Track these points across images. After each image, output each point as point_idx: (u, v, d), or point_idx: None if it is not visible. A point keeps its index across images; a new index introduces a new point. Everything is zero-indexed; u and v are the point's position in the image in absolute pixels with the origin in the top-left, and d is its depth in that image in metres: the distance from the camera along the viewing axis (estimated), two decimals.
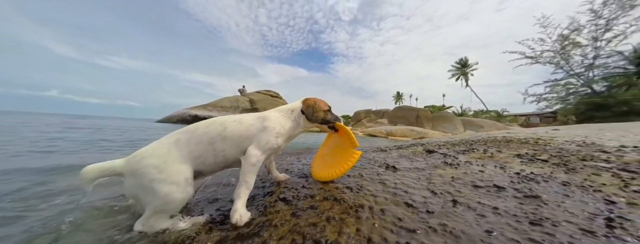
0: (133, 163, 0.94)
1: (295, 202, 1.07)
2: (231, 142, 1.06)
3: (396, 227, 0.82)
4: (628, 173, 1.18)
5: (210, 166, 1.06)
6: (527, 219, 0.81)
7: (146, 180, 0.91)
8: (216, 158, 1.05)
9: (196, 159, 1.01)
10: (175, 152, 0.98)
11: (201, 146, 1.02)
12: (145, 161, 0.94)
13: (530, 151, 1.88)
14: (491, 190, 1.14)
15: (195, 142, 1.03)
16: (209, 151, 1.03)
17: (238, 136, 1.08)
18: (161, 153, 0.97)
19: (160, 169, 0.93)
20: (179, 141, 1.02)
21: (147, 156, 0.95)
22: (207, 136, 1.04)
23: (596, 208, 0.85)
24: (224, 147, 1.05)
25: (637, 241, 0.63)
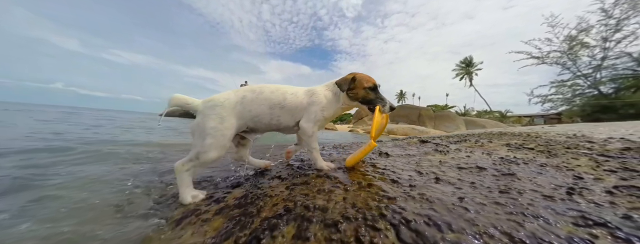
0: (206, 107, 1.13)
1: (291, 179, 1.17)
2: (287, 111, 1.22)
3: (379, 196, 0.90)
4: (605, 157, 1.24)
5: (263, 125, 1.23)
6: (498, 189, 0.89)
7: (209, 125, 1.08)
8: (271, 121, 1.21)
9: (254, 117, 1.18)
10: (239, 107, 1.15)
11: (262, 108, 1.19)
12: (217, 109, 1.11)
13: (520, 141, 1.95)
14: (473, 171, 1.22)
15: (258, 103, 1.18)
16: (267, 114, 1.20)
17: (294, 107, 1.22)
18: (229, 106, 1.14)
19: (222, 119, 1.10)
20: (245, 98, 1.18)
21: (219, 105, 1.13)
22: (269, 101, 1.20)
23: (563, 182, 0.92)
24: (280, 114, 1.21)
25: (587, 203, 0.71)
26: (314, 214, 0.78)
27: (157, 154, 2.79)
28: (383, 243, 0.62)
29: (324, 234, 0.68)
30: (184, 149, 3.28)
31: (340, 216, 0.75)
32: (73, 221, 1.05)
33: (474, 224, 0.66)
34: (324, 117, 1.23)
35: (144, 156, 2.60)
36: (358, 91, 1.19)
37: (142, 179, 1.64)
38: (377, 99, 1.20)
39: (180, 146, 3.68)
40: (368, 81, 1.19)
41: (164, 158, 2.54)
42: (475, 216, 0.71)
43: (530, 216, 0.67)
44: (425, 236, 0.63)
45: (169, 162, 2.24)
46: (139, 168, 2.02)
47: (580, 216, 0.63)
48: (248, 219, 0.81)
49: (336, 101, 1.26)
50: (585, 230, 0.58)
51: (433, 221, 0.69)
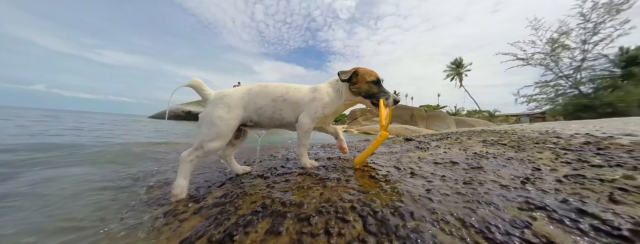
0: (217, 97, 1.20)
1: (273, 178, 1.19)
2: (289, 105, 1.24)
3: (354, 191, 0.94)
4: (565, 151, 1.33)
5: (267, 118, 1.25)
6: (463, 181, 0.95)
7: (216, 114, 1.14)
8: (273, 114, 1.24)
9: (258, 109, 1.22)
10: (246, 98, 1.21)
11: (266, 100, 1.23)
12: (226, 98, 1.18)
13: (496, 138, 2.04)
14: (447, 165, 1.28)
15: (263, 95, 1.23)
16: (270, 106, 1.23)
17: (295, 101, 1.24)
18: (237, 96, 1.20)
19: (230, 109, 1.15)
20: (251, 91, 1.24)
21: (228, 95, 1.19)
22: (272, 94, 1.24)
23: (522, 173, 0.99)
24: (283, 108, 1.24)
25: (536, 190, 0.78)
26: (289, 209, 0.80)
27: (137, 156, 2.74)
28: (350, 232, 0.66)
29: (296, 228, 0.71)
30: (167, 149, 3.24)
31: (314, 211, 0.78)
32: (50, 222, 1.03)
33: (434, 213, 0.71)
34: (324, 114, 1.23)
35: (121, 159, 2.55)
36: (361, 84, 1.16)
37: (118, 182, 1.62)
38: (380, 92, 1.18)
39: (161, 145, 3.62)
40: (371, 75, 1.17)
41: (143, 160, 2.51)
42: (437, 205, 0.76)
43: (483, 203, 0.72)
44: (389, 225, 0.67)
45: (145, 161, 2.21)
46: (118, 170, 1.99)
47: (526, 201, 0.69)
48: (225, 217, 0.83)
49: (339, 97, 1.24)
50: (527, 213, 0.64)
51: (398, 211, 0.74)
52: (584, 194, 0.71)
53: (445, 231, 0.62)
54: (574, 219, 0.59)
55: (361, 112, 27.06)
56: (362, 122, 23.13)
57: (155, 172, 1.79)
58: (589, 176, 0.85)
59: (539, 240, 0.55)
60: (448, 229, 0.63)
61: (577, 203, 0.65)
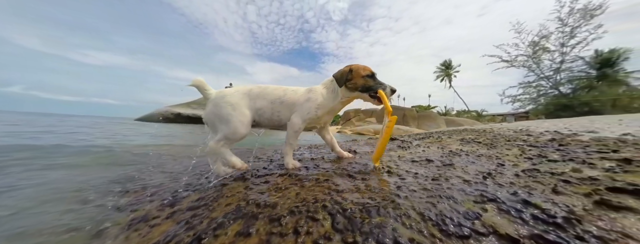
0: (218, 96, 1.25)
1: (253, 179, 1.20)
2: (286, 107, 1.28)
3: (330, 190, 0.96)
4: (531, 147, 1.42)
5: (266, 119, 1.29)
6: (432, 178, 0.99)
7: (224, 112, 1.20)
8: (272, 115, 1.28)
9: (258, 110, 1.27)
10: (246, 99, 1.26)
11: (265, 101, 1.27)
12: (227, 98, 1.23)
13: (474, 136, 2.13)
14: (423, 163, 1.33)
15: (262, 96, 1.28)
16: (268, 107, 1.27)
17: (292, 102, 1.28)
18: (238, 96, 1.25)
19: (234, 107, 1.22)
20: (251, 92, 1.29)
21: (229, 95, 1.25)
22: (271, 96, 1.28)
23: (487, 168, 1.05)
24: (280, 109, 1.28)
25: (493, 185, 0.83)
26: (262, 211, 0.81)
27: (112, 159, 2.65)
28: (318, 231, 0.68)
29: (266, 229, 0.72)
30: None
31: (286, 211, 0.79)
32: (14, 225, 0.99)
33: (398, 208, 0.74)
34: (317, 115, 1.25)
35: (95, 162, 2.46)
36: (357, 80, 1.20)
37: (92, 188, 1.57)
38: (376, 84, 1.21)
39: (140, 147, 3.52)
40: (365, 70, 1.21)
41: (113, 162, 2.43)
42: (403, 201, 0.79)
43: (444, 198, 0.76)
44: (355, 222, 0.69)
45: (125, 166, 2.15)
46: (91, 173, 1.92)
47: (481, 194, 0.74)
48: (197, 220, 0.82)
49: (334, 97, 1.26)
50: (480, 206, 0.68)
51: (366, 208, 0.76)
52: (533, 186, 0.76)
53: (406, 225, 0.66)
54: (519, 210, 0.63)
55: (355, 113, 27.31)
56: (356, 122, 23.34)
57: (133, 178, 1.74)
58: (543, 170, 0.91)
59: (486, 230, 0.59)
60: (408, 223, 0.66)
61: (524, 195, 0.70)
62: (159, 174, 1.69)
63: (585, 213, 0.58)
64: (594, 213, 0.57)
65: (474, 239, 0.57)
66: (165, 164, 2.12)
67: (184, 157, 2.55)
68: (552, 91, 15.86)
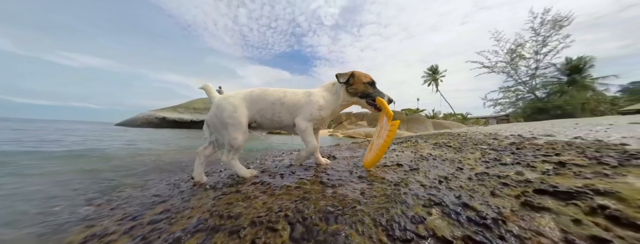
0: (221, 98, 1.30)
1: (224, 189, 1.18)
2: (286, 108, 1.32)
3: (298, 198, 0.98)
4: (492, 151, 1.52)
5: (268, 120, 1.34)
6: (394, 183, 1.04)
7: (224, 114, 1.24)
8: (273, 117, 1.33)
9: (259, 110, 1.32)
10: (248, 99, 1.31)
11: (265, 103, 1.32)
12: (230, 99, 1.28)
13: (447, 140, 2.24)
14: (393, 167, 1.38)
15: (263, 98, 1.33)
16: (269, 108, 1.32)
17: (292, 104, 1.32)
18: (240, 97, 1.31)
19: (236, 108, 1.26)
20: (253, 93, 1.34)
21: (231, 96, 1.31)
22: (271, 97, 1.33)
23: (446, 172, 1.12)
24: (281, 110, 1.33)
25: (445, 189, 0.89)
26: (225, 223, 0.81)
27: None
28: (275, 242, 0.69)
29: (224, 242, 0.72)
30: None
31: (248, 222, 0.79)
32: None
33: (356, 215, 0.78)
34: (320, 116, 1.30)
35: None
36: (358, 85, 1.26)
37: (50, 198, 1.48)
38: (376, 92, 1.29)
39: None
40: (366, 77, 1.28)
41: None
42: (362, 207, 0.83)
43: (398, 203, 0.81)
44: (312, 230, 0.71)
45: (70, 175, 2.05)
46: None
47: (429, 199, 0.79)
48: (155, 235, 0.81)
49: (335, 99, 1.32)
50: (427, 210, 0.73)
51: (326, 216, 0.79)
52: (477, 189, 0.83)
53: (358, 232, 0.69)
54: (458, 213, 0.69)
55: (346, 117, 27.59)
56: (347, 126, 23.55)
57: (101, 188, 1.66)
58: (492, 174, 0.99)
59: (427, 233, 0.63)
60: (361, 230, 0.69)
61: (466, 198, 0.76)
62: (128, 184, 1.63)
63: (511, 213, 0.64)
64: (519, 214, 0.63)
65: (415, 243, 0.61)
66: (135, 173, 2.04)
67: (156, 165, 2.46)
68: (529, 95, 17.01)
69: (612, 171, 0.81)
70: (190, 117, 13.90)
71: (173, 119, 13.22)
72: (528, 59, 16.96)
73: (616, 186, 0.66)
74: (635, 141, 1.42)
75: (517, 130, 2.54)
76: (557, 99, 15.71)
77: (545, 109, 15.59)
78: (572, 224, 0.56)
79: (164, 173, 1.79)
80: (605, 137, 1.63)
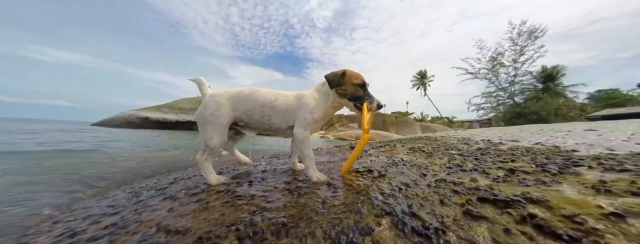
0: (209, 96, 1.30)
1: (184, 198, 1.12)
2: (277, 112, 1.27)
3: (258, 208, 0.94)
4: (459, 156, 1.57)
5: (255, 121, 1.31)
6: (357, 191, 1.04)
7: (207, 112, 1.23)
8: (262, 119, 1.29)
9: (247, 111, 1.29)
10: (235, 99, 1.28)
11: (254, 104, 1.28)
12: (216, 97, 1.27)
13: (423, 144, 2.30)
14: (363, 173, 1.39)
15: (252, 99, 1.29)
16: (258, 110, 1.28)
17: (284, 108, 1.27)
18: (227, 96, 1.28)
19: (220, 107, 1.24)
20: (242, 93, 1.30)
21: (218, 95, 1.29)
22: (261, 99, 1.29)
23: (409, 180, 1.13)
24: (271, 114, 1.28)
25: (402, 197, 0.89)
26: (169, 240, 0.75)
27: None
28: None
29: None
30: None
31: (195, 238, 0.74)
32: None
33: (309, 226, 0.76)
34: (314, 119, 1.22)
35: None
36: (347, 86, 1.17)
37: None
38: (365, 96, 1.18)
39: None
40: (357, 78, 1.17)
41: None
42: (318, 218, 0.81)
43: (353, 213, 0.80)
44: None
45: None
46: None
47: (382, 208, 0.80)
48: None
49: (326, 100, 1.25)
50: (377, 220, 0.73)
51: (278, 229, 0.76)
52: (430, 197, 0.84)
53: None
54: (405, 222, 0.69)
55: (338, 119, 27.76)
56: (338, 128, 23.69)
57: (52, 196, 1.53)
58: (449, 180, 1.01)
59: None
60: (310, 243, 0.68)
61: (416, 207, 0.77)
62: (80, 192, 1.51)
63: (452, 223, 0.65)
64: (459, 223, 0.65)
65: None
66: (91, 179, 1.90)
67: (120, 169, 2.31)
68: (508, 101, 18.10)
69: (551, 178, 0.86)
70: (175, 117, 13.32)
71: (156, 119, 12.59)
72: (507, 66, 18.06)
73: (548, 194, 0.70)
74: (585, 147, 1.53)
75: (490, 135, 2.66)
76: (533, 104, 16.81)
77: (523, 113, 16.62)
78: (503, 234, 0.57)
79: (121, 179, 1.67)
80: (561, 143, 1.75)
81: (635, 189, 0.65)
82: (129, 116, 12.68)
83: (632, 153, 1.26)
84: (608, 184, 0.72)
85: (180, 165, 2.59)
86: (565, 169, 0.97)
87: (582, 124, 3.06)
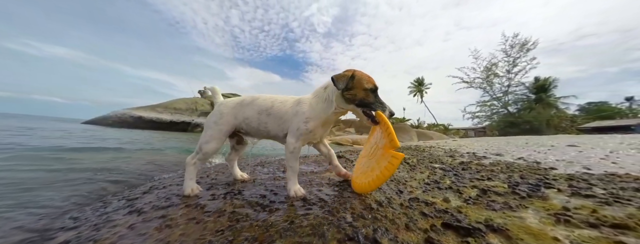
0: (218, 104, 1.37)
1: (151, 213, 1.07)
2: (273, 119, 1.24)
3: (223, 227, 0.89)
4: (441, 170, 1.56)
5: (253, 129, 1.31)
6: (328, 209, 1.01)
7: (211, 119, 1.30)
8: (259, 126, 1.28)
9: (245, 119, 1.29)
10: (237, 108, 1.31)
11: (252, 112, 1.28)
12: (221, 106, 1.33)
13: (409, 156, 2.29)
14: (342, 188, 1.36)
15: (251, 106, 1.29)
16: (255, 118, 1.27)
17: (280, 115, 1.23)
18: (230, 105, 1.33)
19: (222, 115, 1.29)
20: (243, 102, 1.32)
21: (224, 104, 1.35)
22: (258, 107, 1.28)
23: (384, 197, 1.11)
24: (267, 121, 1.26)
25: (371, 218, 0.87)
26: None
27: None
28: None
29: None
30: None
31: None
32: None
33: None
34: (307, 129, 1.10)
35: None
36: (357, 91, 1.01)
37: None
38: (376, 103, 1.02)
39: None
40: (368, 81, 1.01)
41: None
42: (282, 241, 0.78)
43: (317, 236, 0.77)
44: None
45: None
46: None
47: (346, 233, 0.77)
48: None
49: (326, 107, 1.10)
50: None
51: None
52: (397, 220, 0.82)
53: None
54: None
55: (362, 116, 27.45)
56: (336, 132, 23.66)
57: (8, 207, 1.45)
58: (422, 200, 1.00)
59: None
60: None
61: (380, 232, 0.75)
62: (47, 198, 1.45)
63: None
64: None
65: None
66: (59, 186, 1.81)
67: (91, 176, 2.22)
68: (502, 110, 18.49)
69: (519, 202, 0.85)
70: (169, 117, 13.14)
71: (150, 118, 12.40)
72: (501, 77, 18.53)
73: (510, 222, 0.69)
74: (564, 164, 1.54)
75: (477, 147, 2.68)
76: (526, 114, 17.18)
77: (516, 123, 16.94)
78: None
79: (92, 189, 1.60)
80: (543, 159, 1.76)
81: (593, 219, 0.64)
82: (123, 115, 12.45)
83: (606, 173, 1.27)
84: (570, 211, 0.71)
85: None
86: (535, 192, 0.97)
87: (567, 139, 3.11)
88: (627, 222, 0.60)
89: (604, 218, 0.65)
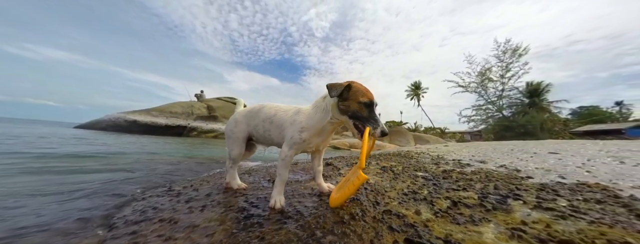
0: (235, 113, 1.53)
1: (121, 228, 1.05)
2: (275, 127, 1.31)
3: (206, 237, 0.90)
4: (423, 179, 1.58)
5: (260, 136, 1.40)
6: (301, 224, 1.00)
7: (228, 128, 1.48)
8: (264, 133, 1.36)
9: (254, 127, 1.40)
10: (248, 116, 1.43)
11: (258, 120, 1.38)
12: (236, 115, 1.50)
13: (397, 162, 2.31)
14: (323, 200, 1.37)
15: (257, 115, 1.39)
16: (260, 125, 1.37)
17: (280, 124, 1.28)
18: (243, 114, 1.47)
19: (237, 123, 1.45)
20: (253, 110, 1.43)
21: (239, 112, 1.51)
22: (264, 115, 1.36)
23: (359, 209, 1.12)
24: (270, 129, 1.33)
25: (340, 231, 0.88)
26: None
27: None
28: None
29: None
30: None
31: None
32: None
33: None
34: (301, 139, 1.10)
35: None
36: (351, 103, 0.99)
37: None
38: (370, 118, 0.98)
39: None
40: (364, 95, 0.98)
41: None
42: None
43: None
44: None
45: None
46: None
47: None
48: None
49: (322, 117, 1.09)
50: None
51: None
52: (365, 235, 0.83)
53: None
54: None
55: (353, 130, 27.56)
56: (333, 136, 23.63)
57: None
58: (394, 212, 1.01)
59: None
60: None
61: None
62: (22, 215, 1.42)
63: None
64: None
65: None
66: (36, 199, 1.78)
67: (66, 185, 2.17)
68: (497, 114, 18.75)
69: (483, 215, 0.87)
70: (165, 121, 13.03)
71: (145, 122, 12.27)
72: (495, 81, 18.91)
73: (468, 238, 0.70)
74: (541, 173, 1.57)
75: (464, 154, 2.71)
76: (520, 118, 17.44)
77: (511, 127, 17.15)
78: None
79: (75, 205, 1.58)
80: (523, 167, 1.79)
81: (545, 234, 0.66)
82: (116, 118, 12.25)
83: (577, 183, 1.30)
84: (527, 225, 0.73)
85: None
86: (502, 204, 0.99)
87: (551, 145, 3.17)
88: (574, 238, 0.62)
89: (554, 233, 0.67)
